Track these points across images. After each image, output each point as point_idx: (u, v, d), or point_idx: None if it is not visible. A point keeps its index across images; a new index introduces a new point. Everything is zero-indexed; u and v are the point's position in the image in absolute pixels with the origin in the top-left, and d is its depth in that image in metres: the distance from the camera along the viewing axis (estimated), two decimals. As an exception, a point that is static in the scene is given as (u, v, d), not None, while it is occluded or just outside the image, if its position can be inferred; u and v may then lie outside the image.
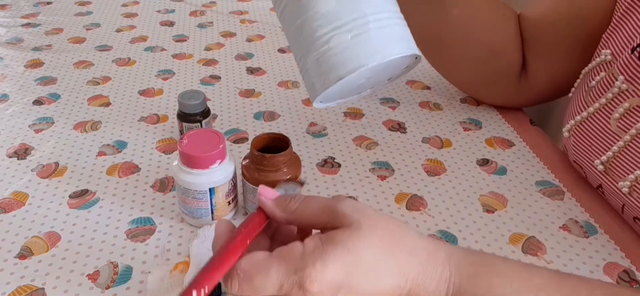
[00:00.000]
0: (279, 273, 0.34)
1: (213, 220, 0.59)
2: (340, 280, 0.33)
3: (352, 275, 0.34)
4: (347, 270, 0.34)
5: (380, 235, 0.35)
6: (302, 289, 0.33)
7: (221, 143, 0.56)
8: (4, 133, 0.75)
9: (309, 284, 0.33)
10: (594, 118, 0.61)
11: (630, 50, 0.57)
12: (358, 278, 0.34)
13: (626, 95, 0.57)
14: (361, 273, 0.34)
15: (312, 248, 0.34)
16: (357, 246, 0.34)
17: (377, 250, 0.35)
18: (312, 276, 0.33)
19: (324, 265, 0.33)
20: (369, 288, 0.34)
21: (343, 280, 0.34)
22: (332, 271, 0.33)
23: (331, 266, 0.33)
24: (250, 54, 1.01)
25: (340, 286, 0.34)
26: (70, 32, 1.09)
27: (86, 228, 0.59)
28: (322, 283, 0.33)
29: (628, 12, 0.60)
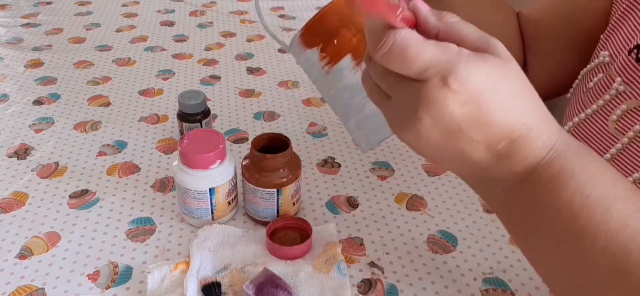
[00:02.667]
0: (432, 55, 0.34)
1: (213, 220, 0.59)
2: (477, 91, 0.34)
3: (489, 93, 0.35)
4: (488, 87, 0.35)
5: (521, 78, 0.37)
6: (443, 80, 0.34)
7: (221, 143, 0.56)
8: (4, 133, 0.75)
9: (452, 79, 0.34)
10: (592, 120, 0.61)
11: (628, 52, 0.57)
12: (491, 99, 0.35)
13: (624, 96, 0.57)
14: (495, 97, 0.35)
15: (467, 53, 0.35)
16: (504, 75, 0.36)
17: (516, 88, 0.36)
18: (459, 73, 0.34)
19: (474, 71, 0.34)
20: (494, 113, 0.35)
21: (479, 94, 0.35)
22: (476, 80, 0.34)
23: (478, 75, 0.34)
24: (250, 54, 1.01)
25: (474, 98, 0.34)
26: (70, 32, 1.09)
27: (86, 228, 0.59)
28: (463, 85, 0.34)
29: (626, 14, 0.60)
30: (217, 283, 0.51)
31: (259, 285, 0.49)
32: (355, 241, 0.58)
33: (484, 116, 0.35)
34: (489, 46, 0.37)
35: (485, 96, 0.35)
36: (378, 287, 0.53)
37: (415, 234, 0.60)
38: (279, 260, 0.55)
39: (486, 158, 0.37)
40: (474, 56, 0.35)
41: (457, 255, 0.57)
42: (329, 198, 0.65)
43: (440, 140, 0.36)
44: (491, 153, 0.37)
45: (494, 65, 0.35)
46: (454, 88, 0.34)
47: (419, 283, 0.54)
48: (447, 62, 0.34)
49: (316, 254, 0.55)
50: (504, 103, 0.35)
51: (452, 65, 0.34)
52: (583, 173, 0.37)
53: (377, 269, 0.55)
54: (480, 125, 0.35)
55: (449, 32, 0.37)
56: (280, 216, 0.59)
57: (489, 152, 0.37)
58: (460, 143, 0.36)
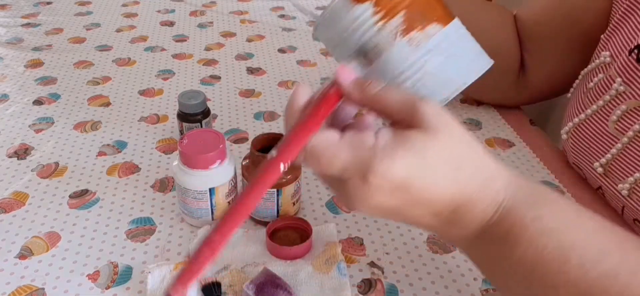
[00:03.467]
0: (346, 158, 0.34)
1: (213, 220, 0.59)
2: (401, 180, 0.34)
3: (414, 179, 0.35)
4: (411, 173, 0.34)
5: (452, 147, 0.36)
6: (364, 179, 0.34)
7: (221, 143, 0.56)
8: (4, 133, 0.75)
9: (372, 177, 0.34)
10: (592, 120, 0.61)
11: (628, 52, 0.57)
12: (418, 183, 0.35)
13: (624, 97, 0.57)
14: (422, 179, 0.35)
15: (383, 144, 0.35)
16: (428, 154, 0.35)
17: (445, 161, 0.35)
18: (377, 170, 0.34)
19: (391, 163, 0.34)
20: (424, 194, 0.35)
21: (404, 181, 0.34)
22: (397, 171, 0.34)
23: (398, 166, 0.34)
24: (250, 54, 1.01)
25: (399, 187, 0.34)
26: (70, 32, 1.09)
27: (86, 228, 0.59)
28: (384, 179, 0.34)
29: (627, 14, 0.60)
30: (217, 283, 0.51)
31: (259, 285, 0.49)
32: (355, 241, 0.58)
33: (415, 198, 0.35)
34: (415, 114, 0.36)
35: (411, 181, 0.34)
36: (378, 287, 0.53)
37: (415, 234, 0.60)
38: (279, 260, 0.55)
39: (435, 223, 0.37)
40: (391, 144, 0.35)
41: (457, 255, 0.57)
42: (329, 198, 0.65)
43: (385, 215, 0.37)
44: (438, 220, 0.37)
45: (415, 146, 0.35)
46: (375, 183, 0.34)
47: (419, 283, 0.54)
48: (361, 162, 0.34)
49: (316, 254, 0.55)
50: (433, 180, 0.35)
51: (368, 164, 0.34)
52: (536, 226, 0.36)
53: (377, 269, 0.55)
54: (416, 204, 0.36)
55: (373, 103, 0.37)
56: (280, 216, 0.59)
57: (436, 218, 0.37)
58: (405, 216, 0.37)
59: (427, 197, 0.35)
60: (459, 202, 0.36)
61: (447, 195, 0.35)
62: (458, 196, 0.36)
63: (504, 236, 0.36)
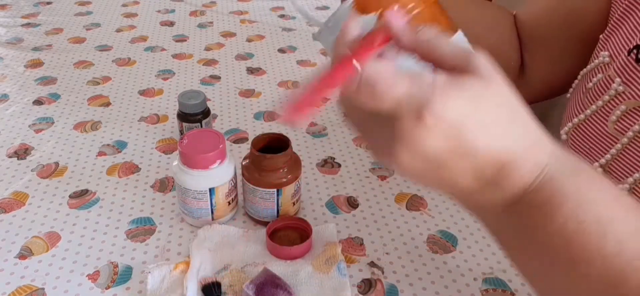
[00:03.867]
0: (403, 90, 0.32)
1: (213, 220, 0.59)
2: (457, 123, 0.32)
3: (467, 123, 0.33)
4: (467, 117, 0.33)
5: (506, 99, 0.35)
6: (418, 116, 0.32)
7: (221, 143, 0.56)
8: (4, 133, 0.75)
9: (427, 114, 0.32)
10: (591, 120, 0.61)
11: (627, 52, 0.57)
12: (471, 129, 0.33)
13: (623, 97, 0.57)
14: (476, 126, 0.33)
15: (442, 82, 0.33)
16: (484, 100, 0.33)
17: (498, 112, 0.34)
18: (433, 108, 0.32)
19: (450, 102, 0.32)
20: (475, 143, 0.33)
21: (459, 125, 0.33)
22: (453, 112, 0.32)
23: (454, 107, 0.32)
24: (250, 54, 1.01)
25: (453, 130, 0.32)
26: (70, 32, 1.09)
27: (86, 228, 0.59)
28: (440, 119, 0.32)
29: (626, 14, 0.60)
30: (217, 283, 0.51)
31: (259, 285, 0.49)
32: (355, 241, 0.58)
33: (466, 147, 0.33)
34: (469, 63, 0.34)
35: (466, 126, 0.33)
36: (378, 287, 0.53)
37: (415, 234, 0.60)
38: (279, 260, 0.55)
39: (473, 185, 0.35)
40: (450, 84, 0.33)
41: (457, 255, 0.57)
42: (329, 198, 0.65)
43: (423, 171, 0.34)
44: (479, 181, 0.35)
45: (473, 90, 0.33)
46: (429, 123, 0.32)
47: (419, 283, 0.54)
48: (420, 97, 0.32)
49: (316, 254, 0.55)
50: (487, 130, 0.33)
51: (426, 100, 0.32)
52: (577, 196, 0.35)
53: (377, 269, 0.55)
54: (463, 156, 0.33)
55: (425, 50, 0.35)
56: (280, 216, 0.59)
57: (477, 180, 0.35)
58: (445, 173, 0.34)
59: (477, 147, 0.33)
60: (505, 159, 0.34)
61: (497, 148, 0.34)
62: (505, 152, 0.34)
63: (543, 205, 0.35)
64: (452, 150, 0.33)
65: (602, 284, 0.34)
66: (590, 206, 0.35)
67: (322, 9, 1.24)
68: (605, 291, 0.34)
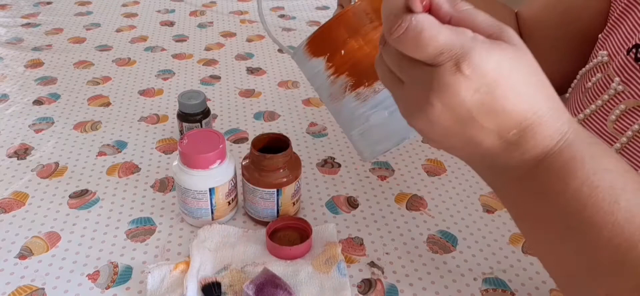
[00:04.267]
0: (446, 39, 0.34)
1: (213, 220, 0.59)
2: (491, 78, 0.34)
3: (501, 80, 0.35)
4: (500, 73, 0.34)
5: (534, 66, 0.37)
6: (457, 65, 0.34)
7: (221, 143, 0.56)
8: (4, 133, 0.75)
9: (466, 65, 0.34)
10: (590, 120, 0.61)
11: (626, 51, 0.57)
12: (504, 86, 0.35)
13: (622, 96, 0.57)
14: (508, 84, 0.35)
15: (482, 39, 0.35)
16: (516, 62, 0.35)
17: (528, 75, 0.36)
18: (473, 59, 0.34)
19: (487, 57, 0.34)
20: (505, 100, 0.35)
21: (492, 81, 0.34)
22: (490, 67, 0.34)
23: (492, 62, 0.34)
24: (250, 54, 1.01)
25: (487, 84, 0.34)
26: (70, 32, 1.09)
27: (86, 228, 0.59)
28: (476, 71, 0.34)
29: (625, 13, 0.60)
30: (217, 283, 0.51)
31: (259, 285, 0.49)
32: (355, 241, 0.58)
33: (496, 103, 0.35)
34: (503, 34, 0.36)
35: (498, 83, 0.34)
36: (378, 287, 0.53)
37: (415, 234, 0.60)
38: (279, 260, 0.55)
39: (496, 145, 0.37)
40: (489, 42, 0.35)
41: (457, 255, 0.57)
42: (329, 198, 0.65)
43: (451, 126, 0.36)
44: (501, 140, 0.37)
45: (508, 52, 0.35)
46: (467, 74, 0.34)
47: (419, 283, 0.54)
48: (461, 47, 0.34)
49: (316, 254, 0.55)
50: (517, 90, 0.35)
51: (466, 51, 0.34)
52: (593, 164, 0.36)
53: (377, 269, 0.55)
54: (492, 112, 0.35)
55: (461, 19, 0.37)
56: (280, 216, 0.59)
57: (500, 139, 0.36)
58: (470, 130, 0.36)
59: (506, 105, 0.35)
60: (531, 120, 0.36)
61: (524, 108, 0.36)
62: (531, 113, 0.36)
63: (562, 168, 0.37)
64: (483, 104, 0.35)
65: (610, 250, 0.36)
66: (605, 174, 0.36)
67: (322, 9, 1.24)
68: (613, 257, 0.36)
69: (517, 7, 0.78)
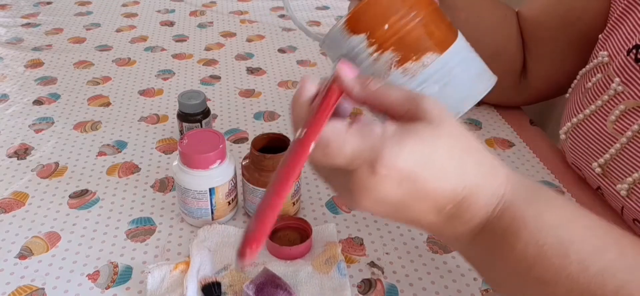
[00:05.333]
0: (354, 147, 0.34)
1: (213, 220, 0.59)
2: (409, 170, 0.34)
3: (421, 169, 0.34)
4: (418, 163, 0.34)
5: (456, 138, 0.36)
6: (372, 168, 0.34)
7: (221, 143, 0.56)
8: (4, 133, 0.75)
9: (380, 166, 0.33)
10: (590, 120, 0.61)
11: (626, 52, 0.57)
12: (425, 173, 0.34)
13: (622, 97, 0.57)
14: (429, 170, 0.34)
15: (391, 133, 0.34)
16: (434, 143, 0.35)
17: (450, 151, 0.35)
18: (386, 159, 0.33)
19: (400, 152, 0.34)
20: (431, 185, 0.35)
21: (411, 171, 0.34)
22: (405, 160, 0.34)
23: (406, 155, 0.34)
24: (250, 54, 1.01)
25: (407, 177, 0.34)
26: (70, 32, 1.09)
27: (86, 228, 0.59)
28: (392, 169, 0.33)
29: (624, 14, 0.60)
30: (217, 283, 0.51)
31: (259, 285, 0.49)
32: (355, 241, 0.59)
33: (422, 189, 0.35)
34: (418, 108, 0.36)
35: (418, 172, 0.34)
36: (378, 287, 0.53)
37: (415, 234, 0.60)
38: (279, 260, 0.55)
39: (437, 221, 0.37)
40: (399, 134, 0.34)
41: (457, 255, 0.57)
42: (329, 198, 0.65)
43: (386, 213, 0.36)
44: (441, 216, 0.37)
45: (422, 136, 0.34)
46: (383, 174, 0.33)
47: (419, 283, 0.54)
48: (371, 150, 0.34)
49: (316, 254, 0.55)
50: (440, 171, 0.35)
51: (377, 152, 0.33)
52: (535, 221, 0.36)
53: (377, 269, 0.55)
54: (421, 197, 0.35)
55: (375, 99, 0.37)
56: (280, 216, 0.59)
57: (438, 215, 0.36)
58: (408, 213, 0.36)
59: (434, 188, 0.35)
60: (463, 194, 0.36)
61: (452, 186, 0.35)
62: (462, 187, 0.35)
63: (505, 231, 0.36)
64: (409, 194, 0.35)
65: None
66: (550, 230, 0.36)
67: (322, 9, 1.24)
68: None
69: (518, 6, 0.78)
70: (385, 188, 0.34)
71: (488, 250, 0.38)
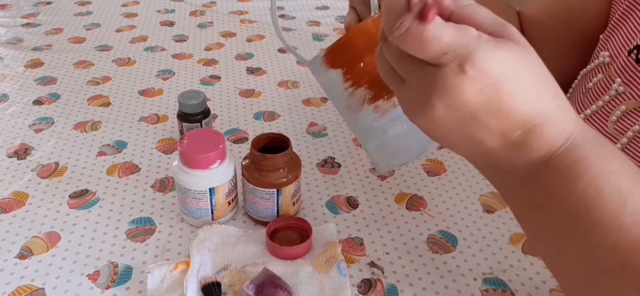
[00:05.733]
0: (450, 39, 0.33)
1: (213, 220, 0.59)
2: (495, 78, 0.33)
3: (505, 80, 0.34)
4: (506, 74, 0.34)
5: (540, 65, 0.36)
6: (461, 66, 0.33)
7: (221, 143, 0.56)
8: (4, 133, 0.75)
9: (470, 65, 0.33)
10: (591, 120, 0.61)
11: (628, 53, 0.57)
12: (509, 86, 0.34)
13: (623, 97, 0.57)
14: (513, 84, 0.34)
15: (487, 38, 0.34)
16: (522, 62, 0.34)
17: (533, 74, 0.35)
18: (477, 59, 0.33)
19: (492, 57, 0.33)
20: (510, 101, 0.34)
21: (498, 80, 0.33)
22: (494, 66, 0.33)
23: (496, 62, 0.33)
24: (250, 54, 1.01)
25: (491, 85, 0.33)
26: (70, 32, 1.09)
27: (86, 228, 0.59)
28: (481, 71, 0.33)
29: (626, 14, 0.60)
30: (217, 283, 0.51)
31: (259, 285, 0.49)
32: (355, 241, 0.58)
33: (500, 104, 0.34)
34: (505, 31, 0.35)
35: (503, 83, 0.34)
36: (378, 287, 0.53)
37: (415, 234, 0.60)
38: (279, 260, 0.55)
39: (501, 146, 0.36)
40: (493, 41, 0.34)
41: (457, 255, 0.57)
42: (329, 198, 0.65)
43: (454, 127, 0.35)
44: (506, 141, 0.36)
45: (513, 51, 0.34)
46: (471, 74, 0.33)
47: (419, 283, 0.54)
48: (465, 47, 0.33)
49: (316, 254, 0.55)
50: (522, 91, 0.34)
51: (471, 51, 0.33)
52: (599, 166, 0.36)
53: (377, 269, 0.55)
54: (497, 113, 0.34)
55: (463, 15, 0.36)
56: (280, 216, 0.59)
57: (504, 140, 0.36)
58: (474, 130, 0.35)
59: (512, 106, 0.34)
60: (536, 121, 0.35)
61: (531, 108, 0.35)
62: (537, 114, 0.35)
63: (567, 170, 0.36)
64: (487, 105, 0.34)
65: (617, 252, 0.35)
66: (611, 176, 0.36)
67: (322, 9, 1.24)
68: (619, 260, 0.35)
69: (519, 6, 0.78)
70: (467, 91, 0.33)
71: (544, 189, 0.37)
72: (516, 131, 0.35)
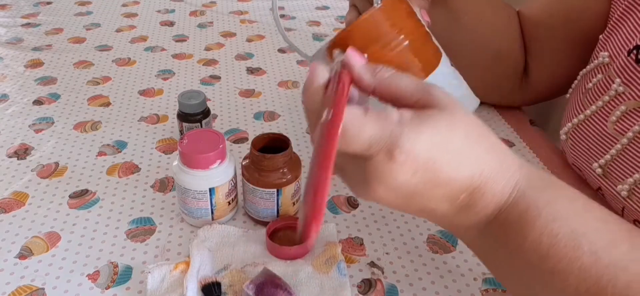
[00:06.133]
0: (372, 132, 0.33)
1: (213, 220, 0.59)
2: (426, 157, 0.33)
3: (437, 155, 0.34)
4: (434, 149, 0.34)
5: (470, 126, 0.36)
6: (389, 155, 0.33)
7: (221, 143, 0.56)
8: (4, 133, 0.75)
9: (398, 153, 0.33)
10: (591, 121, 0.61)
11: (627, 53, 0.57)
12: (441, 160, 0.34)
13: (623, 97, 0.57)
14: (445, 157, 0.34)
15: (408, 119, 0.34)
16: (450, 131, 0.34)
17: (465, 138, 0.35)
18: (403, 145, 0.33)
19: (417, 138, 0.33)
20: (446, 173, 0.34)
21: (429, 158, 0.34)
22: (422, 146, 0.33)
23: (423, 141, 0.33)
24: (250, 54, 1.01)
25: (423, 164, 0.34)
26: (70, 32, 1.09)
27: (86, 228, 0.59)
28: (409, 155, 0.33)
29: (625, 15, 0.60)
30: (217, 283, 0.51)
31: (259, 285, 0.49)
32: (355, 241, 0.58)
33: (437, 178, 0.34)
34: (430, 97, 0.35)
35: (435, 159, 0.34)
36: (378, 287, 0.53)
37: (415, 234, 0.60)
38: (279, 260, 0.55)
39: (449, 211, 0.37)
40: (416, 120, 0.34)
41: (457, 255, 0.57)
42: (328, 198, 0.65)
43: (399, 202, 0.36)
44: (454, 206, 0.36)
45: (440, 122, 0.34)
46: (400, 160, 0.33)
47: (419, 283, 0.54)
48: (389, 136, 0.33)
49: (316, 254, 0.55)
50: (456, 158, 0.34)
51: (395, 138, 0.33)
52: (549, 211, 0.36)
53: (377, 269, 0.55)
54: (436, 186, 0.35)
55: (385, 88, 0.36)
56: (280, 216, 0.59)
57: (451, 205, 0.36)
58: (420, 202, 0.36)
59: (450, 176, 0.34)
60: (477, 182, 0.35)
61: (468, 174, 0.35)
62: (477, 175, 0.35)
63: (518, 220, 0.36)
64: (425, 182, 0.34)
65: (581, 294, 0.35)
66: (563, 220, 0.36)
67: (322, 9, 1.24)
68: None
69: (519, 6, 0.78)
70: (402, 175, 0.34)
71: (500, 241, 0.38)
72: (461, 195, 0.36)
